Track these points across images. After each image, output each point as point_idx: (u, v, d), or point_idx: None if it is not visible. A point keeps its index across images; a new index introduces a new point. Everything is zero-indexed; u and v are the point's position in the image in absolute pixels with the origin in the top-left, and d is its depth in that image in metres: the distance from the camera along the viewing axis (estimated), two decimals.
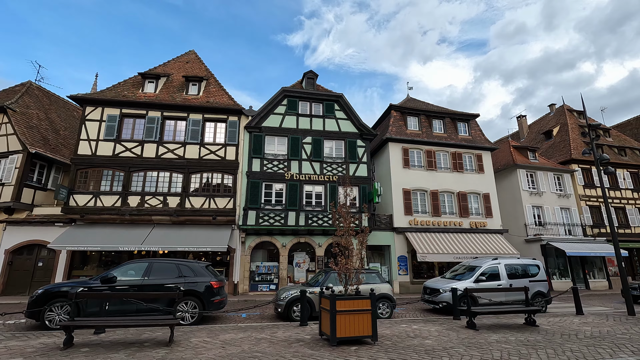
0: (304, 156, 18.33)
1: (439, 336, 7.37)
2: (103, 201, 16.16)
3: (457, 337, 7.32)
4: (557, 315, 10.35)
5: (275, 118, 18.58)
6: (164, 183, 16.91)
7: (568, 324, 8.82)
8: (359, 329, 6.57)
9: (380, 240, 19.02)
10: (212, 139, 17.94)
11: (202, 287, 8.81)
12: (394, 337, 7.22)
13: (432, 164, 20.90)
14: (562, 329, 8.15)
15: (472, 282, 10.93)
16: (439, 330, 7.98)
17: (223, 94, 19.08)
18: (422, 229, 19.40)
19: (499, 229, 20.80)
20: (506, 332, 7.87)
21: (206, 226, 16.86)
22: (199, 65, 21.01)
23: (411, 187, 20.07)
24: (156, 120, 17.42)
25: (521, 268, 11.68)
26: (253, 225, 16.80)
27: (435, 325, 8.68)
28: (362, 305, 6.71)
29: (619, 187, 26.36)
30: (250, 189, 17.18)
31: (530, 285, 11.37)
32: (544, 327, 8.40)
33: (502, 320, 9.37)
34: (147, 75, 18.68)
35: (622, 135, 31.11)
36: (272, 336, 7.28)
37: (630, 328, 8.38)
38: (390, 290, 10.20)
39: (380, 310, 9.95)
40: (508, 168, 24.40)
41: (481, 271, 11.24)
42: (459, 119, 22.94)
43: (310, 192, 17.99)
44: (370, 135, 19.31)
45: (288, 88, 18.92)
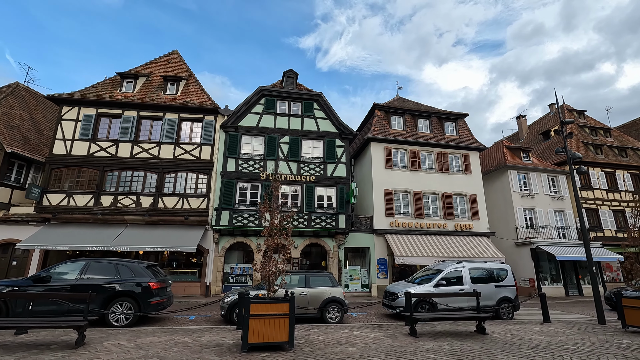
0: (281, 156, 18.02)
1: (370, 343, 6.94)
2: (76, 201, 16.14)
3: (389, 344, 6.88)
4: (521, 323, 9.77)
5: (252, 117, 18.34)
6: (138, 183, 16.82)
7: (522, 333, 8.26)
8: (274, 334, 6.21)
9: (359, 242, 18.55)
10: (188, 138, 17.80)
11: (139, 288, 8.56)
12: (320, 344, 6.82)
13: (416, 164, 20.34)
14: (511, 338, 7.62)
15: (431, 286, 10.42)
16: (376, 337, 7.54)
17: (201, 93, 18.95)
18: (403, 231, 18.86)
19: (485, 232, 20.10)
20: (447, 340, 7.38)
21: (179, 226, 16.69)
22: (180, 65, 20.96)
23: (393, 188, 19.56)
24: (132, 120, 17.36)
25: (487, 272, 11.10)
26: (226, 225, 16.55)
27: (380, 331, 8.24)
28: (280, 309, 6.34)
29: (618, 189, 25.29)
30: (224, 189, 16.95)
31: (495, 290, 10.86)
32: (494, 336, 7.87)
33: (456, 328, 8.85)
34: (126, 75, 18.68)
35: (624, 136, 29.92)
36: (194, 340, 6.96)
37: (588, 338, 7.79)
38: (341, 294, 9.78)
39: (329, 314, 9.54)
40: (499, 169, 23.65)
41: (442, 275, 10.72)
42: (446, 118, 22.33)
43: (286, 193, 17.66)
44: (349, 134, 18.90)
45: (266, 87, 18.67)
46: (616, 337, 7.95)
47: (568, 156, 11.42)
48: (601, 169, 25.42)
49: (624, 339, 7.74)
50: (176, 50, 22.23)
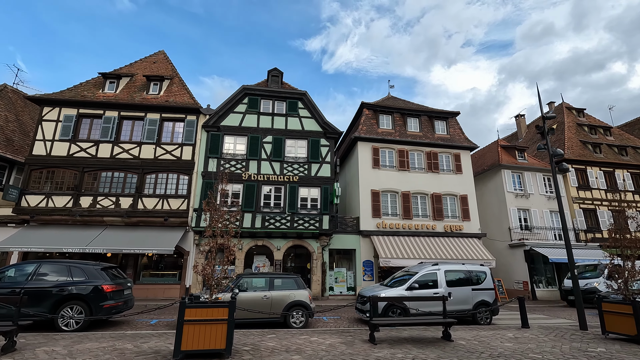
0: (264, 156, 17.68)
1: (320, 351, 6.52)
2: (55, 202, 15.96)
3: (339, 352, 6.45)
4: (496, 329, 9.25)
5: (235, 117, 18.04)
6: (118, 184, 16.60)
7: (492, 340, 7.77)
8: (210, 341, 5.82)
9: (345, 244, 18.11)
10: (170, 138, 17.56)
11: (90, 291, 8.23)
12: (265, 351, 6.41)
13: (404, 164, 19.85)
14: (476, 346, 7.14)
15: (404, 289, 9.95)
16: (332, 344, 7.11)
17: (184, 93, 18.71)
18: (390, 232, 18.37)
19: (476, 233, 19.52)
20: (405, 347, 6.93)
21: (159, 228, 16.42)
22: (166, 65, 20.76)
23: (380, 188, 19.10)
24: (112, 120, 17.17)
25: (464, 275, 10.59)
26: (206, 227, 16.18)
27: (340, 337, 7.80)
28: (218, 315, 5.96)
29: (618, 188, 24.48)
30: (205, 190, 16.64)
31: (472, 294, 10.36)
32: (459, 343, 7.40)
33: (424, 334, 8.36)
34: (108, 76, 18.52)
35: (625, 134, 29.08)
36: (136, 347, 6.61)
37: (560, 346, 7.28)
38: (307, 298, 9.35)
39: (293, 319, 9.12)
40: (493, 169, 23.06)
41: (416, 278, 10.24)
42: (436, 117, 21.82)
43: (269, 193, 17.30)
44: (334, 134, 18.50)
45: (249, 86, 18.38)
46: (591, 345, 7.42)
47: (550, 153, 10.89)
48: (599, 169, 24.67)
49: (598, 347, 7.21)
50: (162, 50, 22.07)
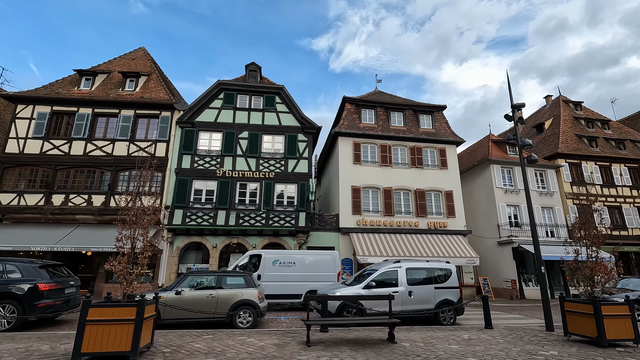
0: (239, 152, 17.31)
1: (246, 353, 6.10)
2: (27, 200, 15.81)
3: (265, 354, 6.02)
4: (454, 330, 8.72)
5: (210, 112, 17.71)
6: (91, 181, 16.40)
7: (440, 342, 7.26)
8: (115, 343, 5.43)
9: (323, 242, 17.65)
10: (144, 135, 17.32)
11: (23, 290, 7.93)
12: (185, 353, 6.01)
13: (387, 159, 19.31)
14: (417, 349, 6.65)
15: (360, 288, 9.47)
16: (264, 346, 6.68)
17: (161, 89, 18.43)
18: (370, 229, 17.86)
19: (461, 230, 18.90)
20: (338, 349, 6.47)
21: None
22: (144, 62, 20.52)
23: (361, 185, 18.59)
24: (86, 117, 16.98)
25: (427, 273, 10.07)
26: (179, 225, 15.93)
27: (279, 338, 7.37)
28: (124, 314, 5.57)
29: (615, 184, 23.60)
30: (178, 187, 16.34)
31: (435, 292, 9.84)
32: (402, 345, 6.92)
33: (372, 335, 7.88)
34: (84, 73, 18.33)
35: (624, 128, 28.06)
36: (50, 347, 6.26)
37: (511, 348, 6.75)
38: (255, 297, 8.93)
39: (239, 319, 8.70)
40: (482, 164, 22.37)
41: (374, 276, 9.74)
42: (421, 111, 21.21)
43: (244, 190, 16.93)
44: (312, 129, 18.05)
45: (224, 81, 18.02)
46: (546, 347, 6.87)
47: (518, 143, 10.30)
48: (595, 163, 23.80)
49: (552, 350, 6.67)
50: (143, 47, 21.84)
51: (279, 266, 13.20)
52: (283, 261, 13.34)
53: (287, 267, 13.24)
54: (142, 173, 7.02)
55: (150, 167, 7.17)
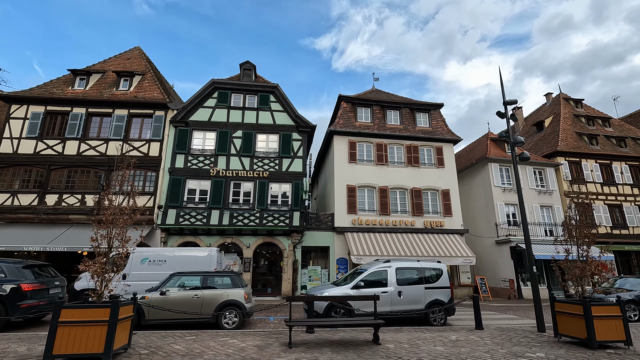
0: (233, 151, 17.22)
1: (221, 355, 5.98)
2: (20, 200, 15.81)
3: (241, 356, 5.90)
4: (444, 330, 8.56)
5: (204, 111, 17.63)
6: (84, 181, 16.37)
7: (425, 343, 7.11)
8: (88, 345, 5.33)
9: (318, 241, 17.54)
10: (138, 135, 17.27)
11: (6, 290, 7.86)
12: (162, 354, 5.91)
13: (382, 158, 19.14)
14: (400, 351, 6.51)
15: (349, 288, 9.34)
16: (245, 347, 6.57)
17: (155, 89, 18.37)
18: (366, 228, 17.71)
19: (458, 229, 18.70)
20: (319, 351, 6.34)
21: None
22: (139, 61, 20.47)
23: (357, 184, 18.44)
24: (79, 117, 16.95)
25: (417, 273, 9.91)
26: (172, 224, 15.86)
27: (262, 340, 7.25)
28: (97, 316, 5.47)
29: (615, 182, 23.29)
30: (172, 186, 16.27)
31: (425, 292, 9.69)
32: (386, 346, 6.77)
33: (358, 336, 7.74)
34: (78, 72, 18.30)
35: (625, 125, 27.70)
36: (27, 349, 6.19)
37: (498, 350, 6.59)
38: (242, 297, 8.81)
39: (225, 320, 8.60)
40: (480, 162, 22.14)
41: (363, 276, 9.61)
42: (418, 109, 21.02)
43: (238, 190, 16.83)
44: (307, 127, 17.92)
45: (218, 80, 17.92)
46: (533, 349, 6.71)
47: (510, 140, 10.11)
48: (595, 161, 23.49)
49: (539, 352, 6.50)
50: (139, 46, 21.80)
51: (147, 264, 11.94)
52: (153, 259, 12.06)
53: (157, 265, 11.91)
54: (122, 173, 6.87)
55: (129, 167, 7.04)
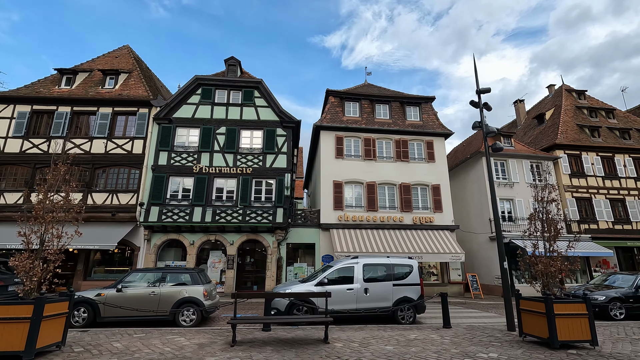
0: (217, 148, 17.06)
1: (155, 353, 5.79)
2: (6, 198, 15.96)
3: (174, 355, 5.69)
4: (406, 329, 8.21)
5: (188, 108, 17.51)
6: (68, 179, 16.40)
7: (378, 342, 6.80)
8: (9, 342, 5.20)
9: (303, 238, 17.28)
10: (122, 132, 17.25)
11: None
12: (93, 351, 5.75)
13: (370, 153, 18.74)
14: (346, 350, 6.21)
15: (313, 285, 9.06)
16: (188, 345, 6.37)
17: (140, 86, 18.32)
18: (352, 225, 17.37)
19: (449, 225, 18.19)
20: (260, 350, 6.09)
21: (109, 223, 16.10)
22: (127, 59, 20.48)
23: (344, 179, 18.09)
24: (64, 116, 17.02)
25: (385, 269, 9.56)
26: (155, 222, 15.81)
27: (209, 338, 7.04)
28: (20, 313, 5.33)
29: (618, 175, 22.37)
30: (154, 184, 16.21)
31: (393, 290, 9.34)
32: (334, 345, 6.49)
33: (312, 335, 7.47)
34: (65, 71, 18.39)
35: (630, 116, 26.62)
36: None
37: (449, 350, 6.24)
38: (200, 294, 8.62)
39: (182, 317, 8.42)
40: (474, 157, 21.54)
41: (327, 273, 9.32)
42: (408, 102, 20.52)
43: (221, 187, 16.68)
44: (291, 122, 17.64)
45: (201, 76, 17.77)
46: (490, 349, 6.34)
47: (483, 131, 9.66)
48: (597, 154, 22.60)
49: (493, 352, 6.12)
50: (127, 45, 21.83)
51: None
52: None
53: None
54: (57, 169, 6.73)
55: (67, 162, 6.89)
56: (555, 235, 7.38)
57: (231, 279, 16.10)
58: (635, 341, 7.14)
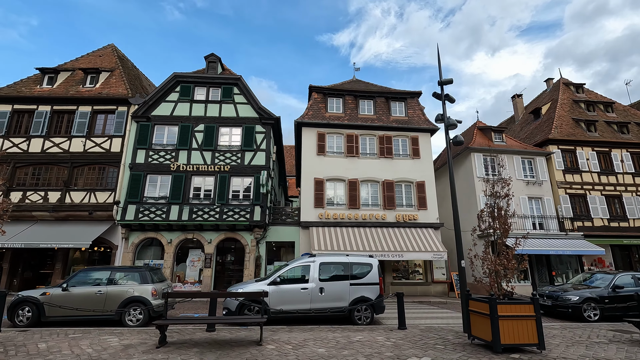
0: (195, 145, 16.90)
1: (73, 355, 5.59)
2: None
3: (89, 356, 5.49)
4: (358, 331, 7.89)
5: (166, 106, 17.37)
6: (48, 178, 16.47)
7: (314, 343, 6.50)
8: None
9: (283, 237, 17.04)
10: (101, 131, 17.21)
11: None
12: (9, 353, 5.58)
13: (353, 149, 18.37)
14: (274, 351, 5.94)
15: (266, 284, 8.79)
16: (109, 347, 6.17)
17: (121, 85, 18.25)
18: (333, 223, 17.05)
19: (433, 223, 17.74)
20: (186, 351, 5.85)
21: (87, 222, 16.08)
22: (111, 58, 20.44)
23: (325, 176, 17.77)
24: (44, 115, 17.05)
25: (343, 268, 9.22)
26: (132, 220, 15.72)
27: (142, 339, 6.84)
28: None
29: (614, 171, 21.57)
30: (132, 182, 16.11)
31: (350, 289, 9.01)
32: (266, 347, 6.22)
33: (252, 335, 7.21)
34: (47, 71, 18.43)
35: (630, 110, 25.68)
36: None
37: (380, 353, 5.91)
38: (148, 293, 8.42)
39: (129, 317, 8.24)
40: (463, 153, 20.99)
41: (281, 272, 9.03)
42: (393, 98, 20.07)
43: (199, 185, 16.52)
44: (270, 119, 17.37)
45: (180, 73, 17.61)
46: (429, 352, 5.99)
47: (445, 123, 9.25)
48: (592, 149, 21.83)
49: (426, 356, 5.77)
50: (112, 44, 21.81)
51: None
52: None
53: None
54: None
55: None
56: (505, 232, 6.96)
57: (209, 278, 15.93)
58: (593, 345, 6.70)
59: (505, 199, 7.36)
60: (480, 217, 7.50)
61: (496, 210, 7.29)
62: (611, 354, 6.07)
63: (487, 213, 7.34)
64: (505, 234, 7.02)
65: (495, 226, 7.15)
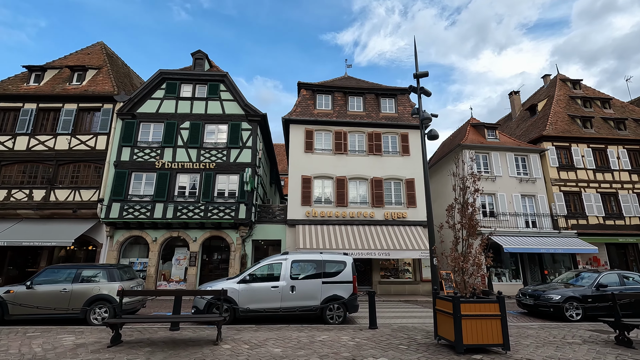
0: (180, 143, 16.75)
1: (18, 354, 5.43)
2: None
3: (34, 356, 5.33)
4: (326, 330, 7.67)
5: (152, 103, 17.24)
6: (33, 176, 16.39)
7: (274, 343, 6.30)
8: None
9: (269, 235, 16.86)
10: (87, 128, 17.11)
11: None
12: None
13: (341, 146, 18.13)
14: (226, 351, 5.74)
15: (235, 283, 8.59)
16: (61, 346, 6.00)
17: (107, 82, 18.15)
18: (320, 221, 16.84)
19: (423, 221, 17.44)
20: (136, 351, 5.66)
21: (72, 220, 15.98)
22: (99, 55, 20.34)
23: (313, 174, 17.55)
24: (29, 113, 16.97)
25: (315, 266, 9.00)
26: (116, 218, 15.60)
27: (98, 338, 6.67)
28: None
29: (610, 168, 21.15)
30: (116, 180, 16.00)
31: (322, 287, 8.79)
32: (222, 347, 6.03)
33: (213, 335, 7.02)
34: (34, 68, 18.36)
35: (628, 106, 25.20)
36: None
37: (337, 354, 5.69)
38: (115, 292, 8.26)
39: (94, 315, 8.08)
40: (455, 150, 20.67)
41: (251, 270, 8.84)
42: (383, 94, 19.79)
43: (184, 182, 16.37)
44: (256, 116, 17.19)
45: (166, 70, 17.47)
46: (388, 353, 5.76)
47: (420, 117, 8.99)
48: (588, 145, 21.41)
49: (383, 357, 5.55)
50: (101, 41, 21.71)
51: None
52: None
53: None
54: None
55: None
56: (472, 229, 6.72)
57: (193, 276, 15.79)
58: (564, 346, 6.44)
59: (474, 194, 7.08)
60: (448, 213, 7.20)
61: (464, 206, 6.99)
62: (580, 355, 5.82)
63: (457, 209, 7.04)
64: (472, 230, 6.74)
65: (463, 222, 6.86)
